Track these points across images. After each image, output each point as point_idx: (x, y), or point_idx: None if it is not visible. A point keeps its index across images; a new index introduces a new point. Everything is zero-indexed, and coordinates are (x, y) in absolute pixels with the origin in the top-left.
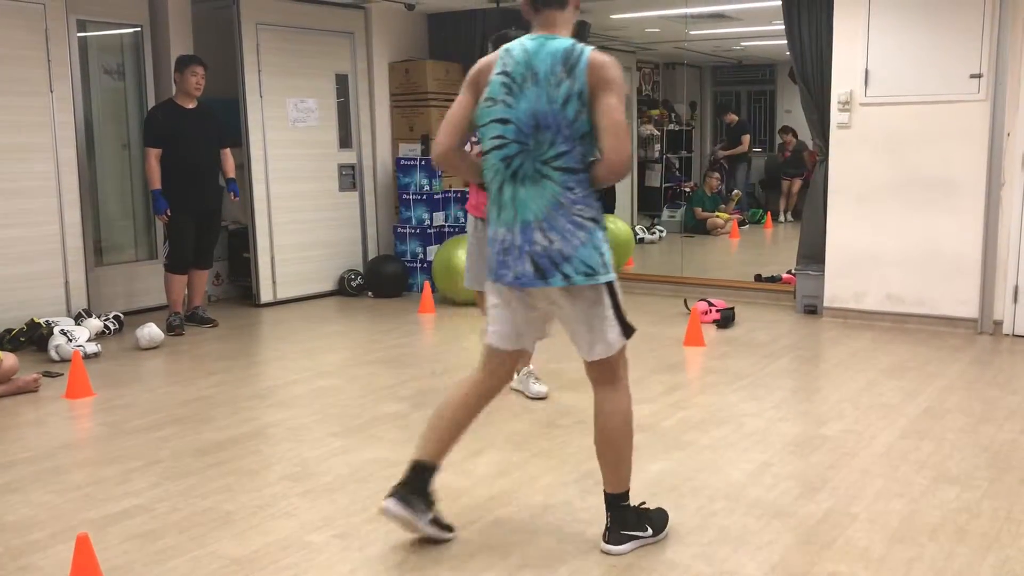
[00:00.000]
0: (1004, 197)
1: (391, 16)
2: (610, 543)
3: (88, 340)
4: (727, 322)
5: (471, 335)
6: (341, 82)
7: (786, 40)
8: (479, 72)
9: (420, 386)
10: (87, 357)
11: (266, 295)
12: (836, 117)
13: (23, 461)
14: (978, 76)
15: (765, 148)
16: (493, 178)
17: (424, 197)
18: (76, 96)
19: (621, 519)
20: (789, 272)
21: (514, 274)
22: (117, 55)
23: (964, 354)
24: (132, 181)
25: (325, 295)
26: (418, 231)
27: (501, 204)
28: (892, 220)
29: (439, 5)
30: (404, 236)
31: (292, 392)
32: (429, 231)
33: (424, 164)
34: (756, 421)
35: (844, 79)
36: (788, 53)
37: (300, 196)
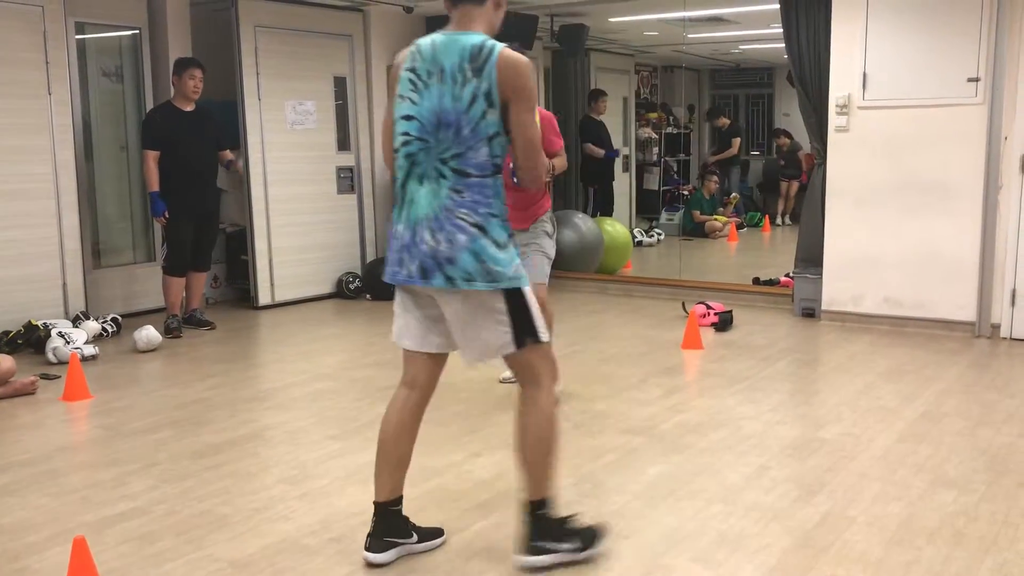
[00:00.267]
0: (1002, 200)
1: (389, 19)
2: (523, 553)
3: (86, 342)
4: (725, 325)
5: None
6: (339, 85)
7: (784, 44)
8: (393, 71)
9: None
10: (84, 359)
11: (264, 298)
12: (834, 120)
13: (20, 463)
14: (975, 80)
15: (763, 151)
16: (399, 175)
17: None
18: (74, 98)
19: (537, 529)
20: (787, 275)
21: (406, 272)
22: (115, 57)
23: (962, 357)
24: (130, 183)
25: (323, 298)
26: None
27: (402, 202)
28: (890, 223)
29: (437, 8)
30: None
31: (290, 395)
32: None
33: None
34: (754, 424)
35: (842, 82)
36: (786, 56)
37: (298, 199)
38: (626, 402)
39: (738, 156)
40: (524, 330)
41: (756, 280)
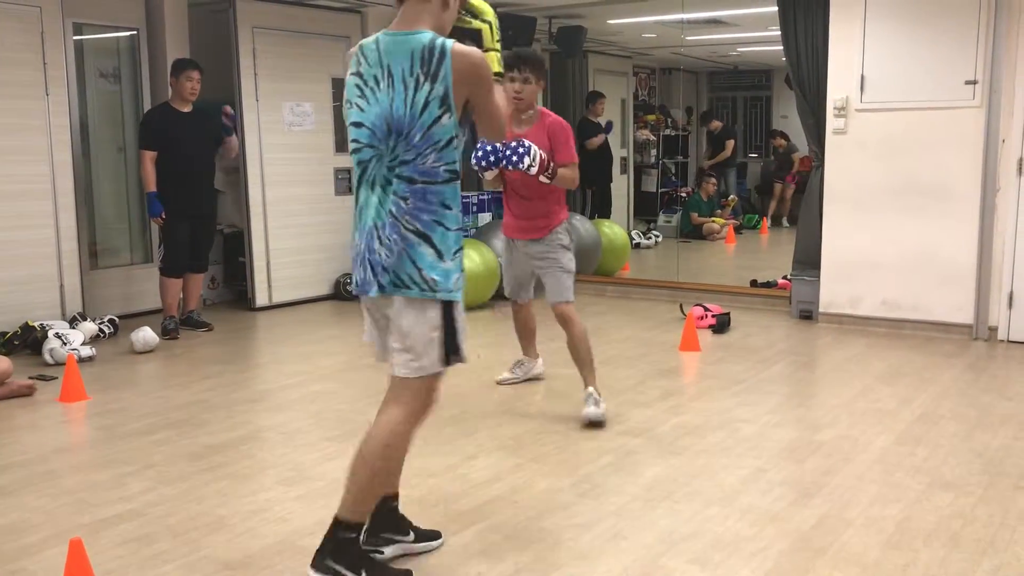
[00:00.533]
0: (999, 203)
1: (387, 20)
2: (311, 566)
3: (83, 343)
4: (723, 327)
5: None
6: (337, 86)
7: (782, 46)
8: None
9: None
10: (81, 360)
11: (261, 299)
12: (832, 123)
13: (16, 465)
14: (973, 82)
15: (761, 154)
16: (353, 182)
17: None
18: (72, 99)
19: (334, 548)
20: (785, 277)
21: (356, 281)
22: (113, 58)
23: (959, 360)
24: (128, 184)
25: (321, 299)
26: None
27: (357, 210)
28: (888, 226)
29: None
30: None
31: (287, 396)
32: None
33: None
34: (751, 426)
35: (840, 85)
36: (784, 59)
37: (296, 200)
38: (624, 404)
39: (734, 158)
40: (451, 348)
41: (754, 282)
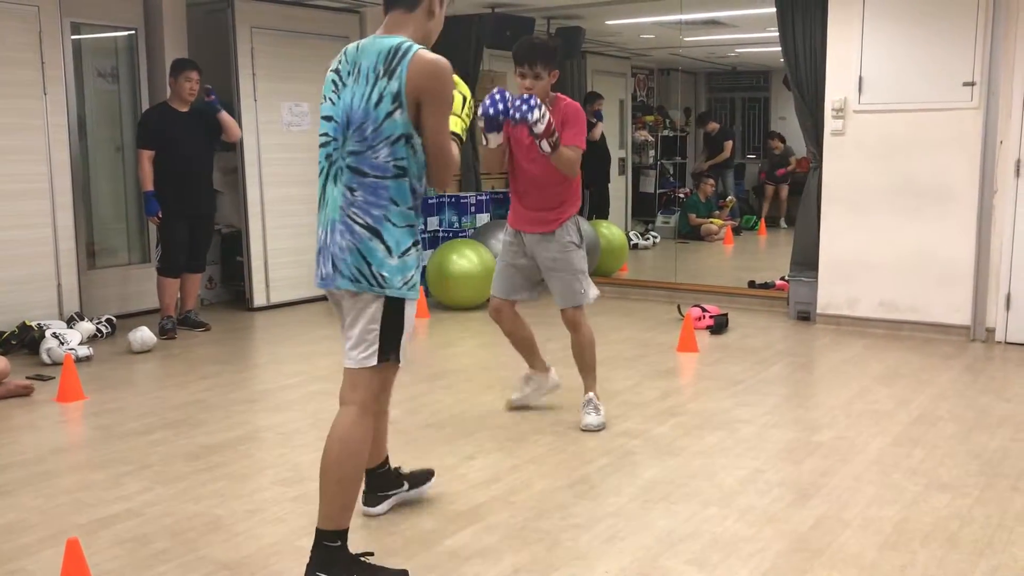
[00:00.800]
0: (997, 204)
1: None
2: None
3: (80, 343)
4: (720, 328)
5: (465, 340)
6: None
7: (780, 47)
8: None
9: (413, 391)
10: (79, 360)
11: (259, 299)
12: (830, 124)
13: (13, 465)
14: (971, 84)
15: (759, 155)
16: (320, 177)
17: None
18: (70, 99)
19: (321, 560)
20: (783, 278)
21: (320, 274)
22: (111, 58)
23: (956, 361)
24: (125, 184)
25: (319, 299)
26: None
27: (321, 203)
28: (885, 227)
29: None
30: None
31: (285, 396)
32: (423, 236)
33: None
34: (749, 427)
35: (838, 86)
36: (782, 60)
37: (294, 200)
38: (621, 405)
39: (732, 159)
40: (390, 345)
41: (751, 283)
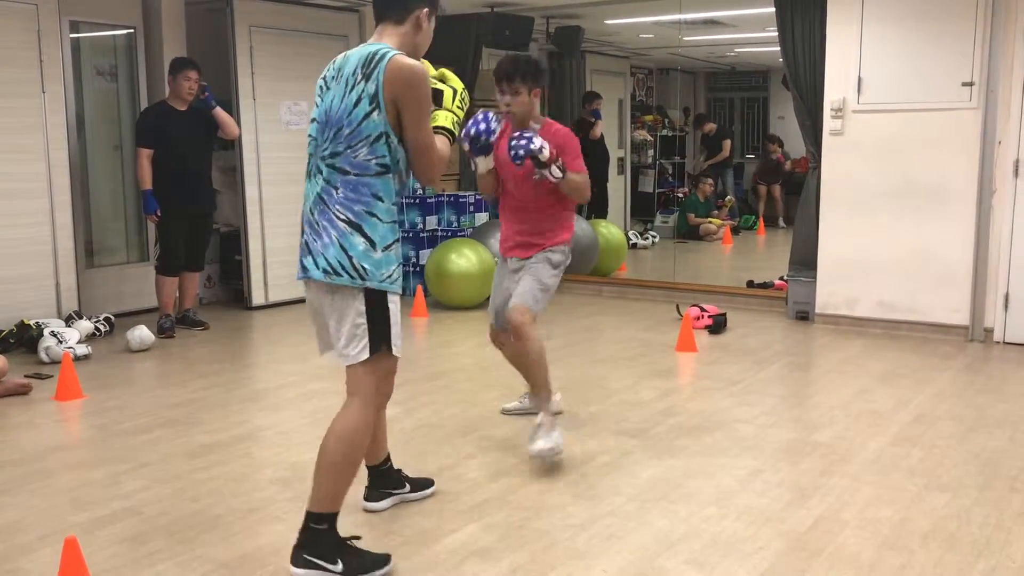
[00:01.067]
0: (995, 205)
1: None
2: (291, 562)
3: (78, 342)
4: (719, 328)
5: (464, 339)
6: None
7: (779, 47)
8: None
9: (412, 390)
10: (77, 359)
11: (258, 298)
12: (829, 124)
13: (11, 463)
14: (970, 84)
15: (758, 155)
16: (306, 176)
17: (417, 201)
18: (68, 97)
19: (308, 541)
20: (781, 278)
21: (302, 266)
22: (110, 56)
23: (955, 361)
24: (124, 183)
25: None
26: (411, 235)
27: (304, 200)
28: (884, 227)
29: None
30: None
31: (283, 395)
32: (422, 235)
33: None
34: (747, 427)
35: (837, 86)
36: (781, 60)
37: (293, 199)
38: (620, 405)
39: (730, 159)
40: (380, 337)
41: (750, 283)
